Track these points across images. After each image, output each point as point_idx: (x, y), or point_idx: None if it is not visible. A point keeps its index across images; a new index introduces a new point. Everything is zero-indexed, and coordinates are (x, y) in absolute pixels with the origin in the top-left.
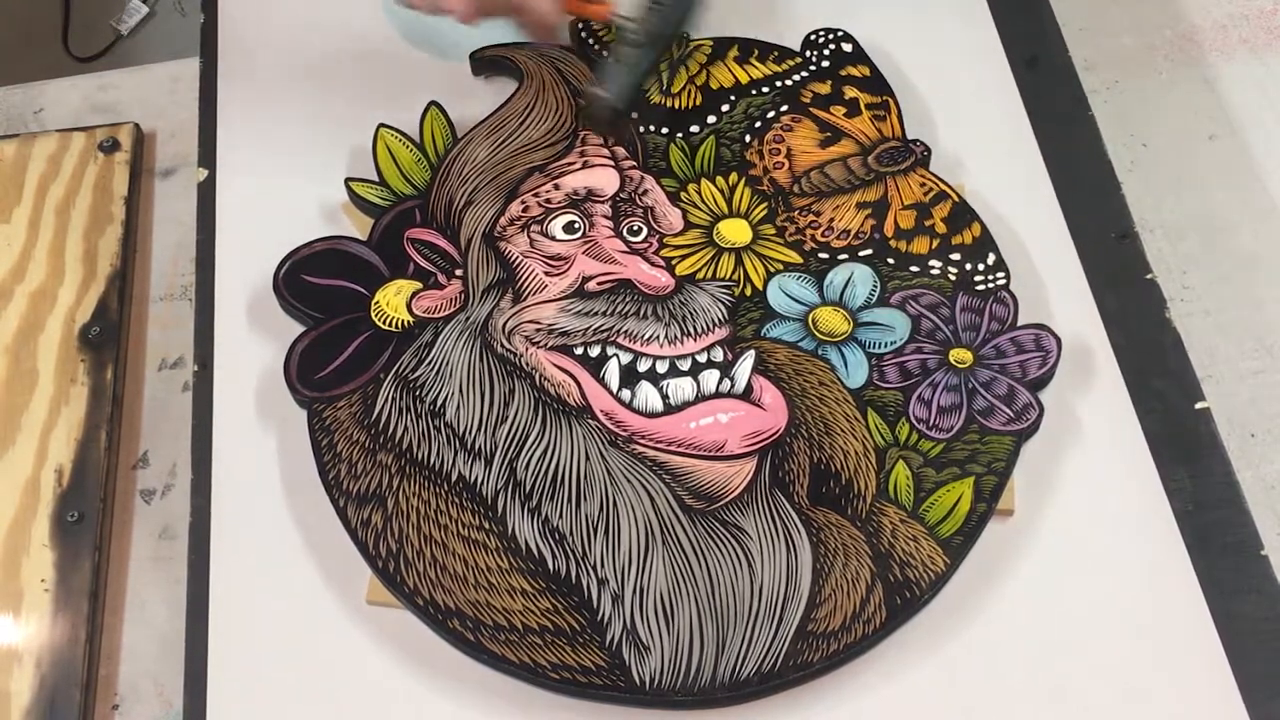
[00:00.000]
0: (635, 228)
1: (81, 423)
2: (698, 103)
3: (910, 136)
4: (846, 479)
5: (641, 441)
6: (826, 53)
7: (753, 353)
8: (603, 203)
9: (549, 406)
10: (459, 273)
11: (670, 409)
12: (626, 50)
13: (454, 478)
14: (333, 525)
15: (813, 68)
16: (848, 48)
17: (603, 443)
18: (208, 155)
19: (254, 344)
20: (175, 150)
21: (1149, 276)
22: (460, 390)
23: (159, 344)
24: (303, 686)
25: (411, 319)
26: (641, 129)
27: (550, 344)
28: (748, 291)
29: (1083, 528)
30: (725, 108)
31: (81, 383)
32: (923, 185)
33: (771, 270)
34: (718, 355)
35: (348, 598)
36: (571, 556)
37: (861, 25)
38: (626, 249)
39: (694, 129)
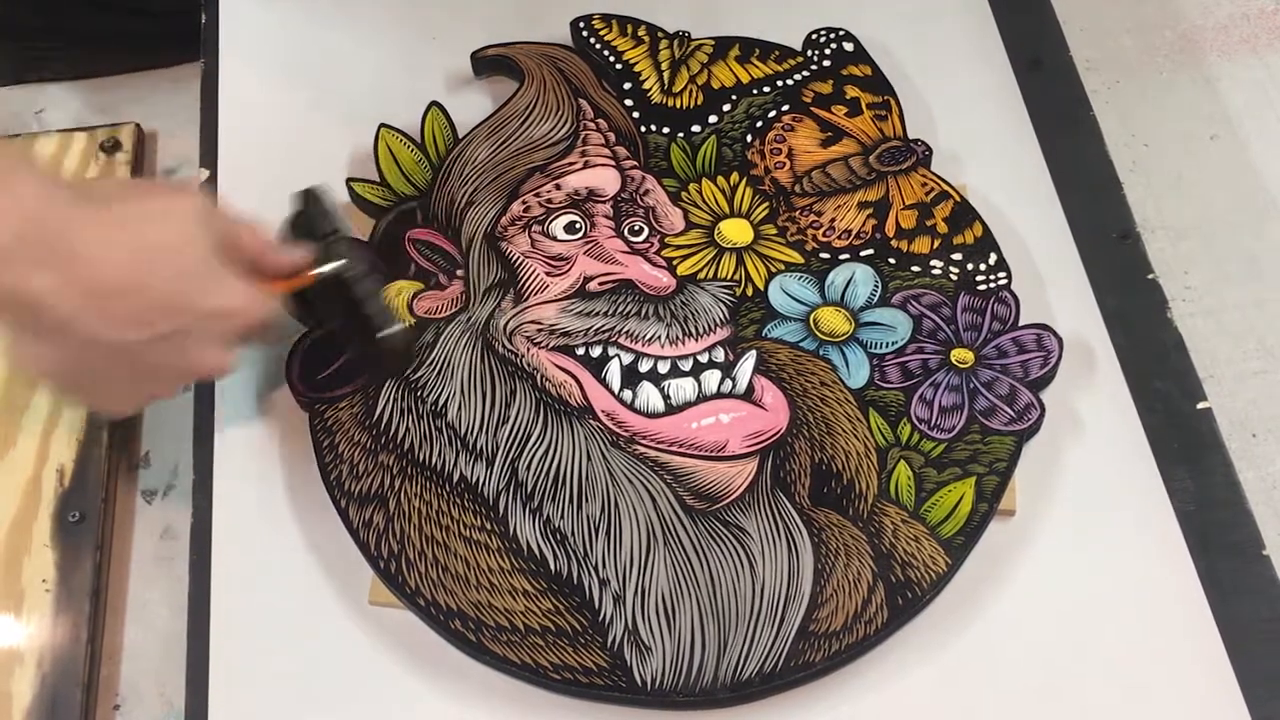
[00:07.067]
0: (636, 228)
1: (83, 422)
2: (699, 102)
3: (912, 136)
4: (848, 479)
5: (643, 442)
6: (828, 52)
7: (754, 353)
8: (604, 203)
9: (550, 407)
10: (460, 273)
11: (672, 409)
12: (365, 285)
13: (455, 478)
14: (334, 526)
15: (814, 67)
16: (849, 47)
17: (604, 443)
18: (208, 155)
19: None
20: (176, 150)
21: (1150, 276)
22: (462, 391)
23: None
24: (304, 687)
25: (413, 319)
26: (643, 129)
27: (551, 344)
28: (749, 292)
29: (1084, 528)
30: (726, 107)
31: None
32: (924, 185)
33: (773, 270)
34: (719, 355)
35: (349, 598)
36: (573, 557)
37: (863, 25)
38: (628, 249)
39: (695, 129)
